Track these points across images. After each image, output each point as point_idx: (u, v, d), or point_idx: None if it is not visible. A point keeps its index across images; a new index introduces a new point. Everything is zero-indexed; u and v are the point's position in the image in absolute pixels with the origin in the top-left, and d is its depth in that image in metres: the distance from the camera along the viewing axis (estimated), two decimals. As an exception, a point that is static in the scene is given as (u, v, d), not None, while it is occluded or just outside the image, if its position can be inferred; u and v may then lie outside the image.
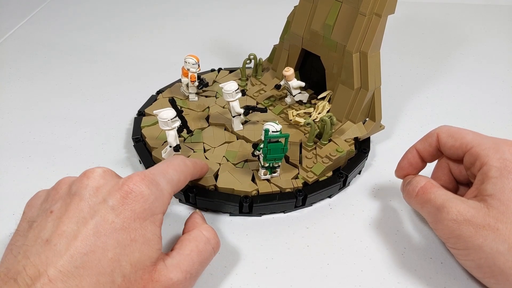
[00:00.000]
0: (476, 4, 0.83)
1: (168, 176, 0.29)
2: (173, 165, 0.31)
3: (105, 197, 0.25)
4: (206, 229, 0.30)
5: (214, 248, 0.30)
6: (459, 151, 0.32)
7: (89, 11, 0.76)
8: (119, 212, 0.25)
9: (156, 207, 0.27)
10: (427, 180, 0.33)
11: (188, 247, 0.28)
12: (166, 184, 0.28)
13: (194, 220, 0.32)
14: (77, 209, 0.25)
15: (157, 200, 0.27)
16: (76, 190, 0.26)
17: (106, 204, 0.25)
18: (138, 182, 0.26)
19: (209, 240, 0.29)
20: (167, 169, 0.30)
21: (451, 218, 0.29)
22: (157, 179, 0.28)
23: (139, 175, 0.27)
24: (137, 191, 0.26)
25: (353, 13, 0.39)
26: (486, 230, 0.28)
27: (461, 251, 0.30)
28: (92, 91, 0.55)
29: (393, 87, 0.57)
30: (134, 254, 0.25)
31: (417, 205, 0.33)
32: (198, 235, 0.29)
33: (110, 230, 0.24)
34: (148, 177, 0.27)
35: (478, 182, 0.30)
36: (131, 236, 0.25)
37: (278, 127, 0.35)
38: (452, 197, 0.30)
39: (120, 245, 0.24)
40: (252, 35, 0.69)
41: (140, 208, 0.26)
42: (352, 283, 0.32)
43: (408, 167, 0.36)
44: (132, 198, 0.26)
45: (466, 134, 0.32)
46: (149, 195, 0.26)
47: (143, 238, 0.25)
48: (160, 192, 0.27)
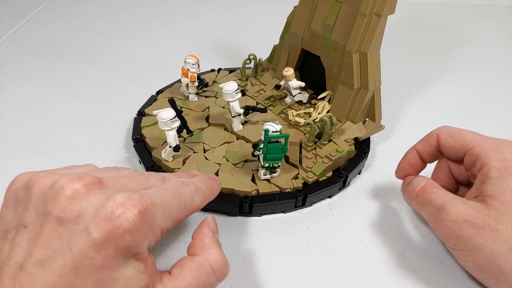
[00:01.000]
0: (476, 4, 0.83)
1: (169, 211, 0.25)
2: (180, 199, 0.26)
3: (87, 225, 0.21)
4: (214, 255, 0.26)
5: (219, 279, 0.26)
6: (459, 151, 0.32)
7: (89, 11, 0.76)
8: (101, 247, 0.21)
9: (143, 246, 0.23)
10: (427, 180, 0.32)
11: (187, 279, 0.24)
12: (163, 221, 0.24)
13: (202, 239, 0.27)
14: (54, 234, 0.21)
15: (145, 239, 0.23)
16: (52, 209, 0.22)
17: (88, 236, 0.21)
18: (131, 216, 0.22)
19: (214, 272, 0.26)
20: (172, 202, 0.25)
21: (451, 219, 0.29)
22: (154, 213, 0.23)
23: (136, 204, 0.22)
24: (126, 227, 0.22)
25: (353, 13, 0.39)
26: (487, 231, 0.28)
27: (461, 251, 0.30)
28: (92, 91, 0.55)
29: (393, 87, 0.57)
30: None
31: (417, 206, 0.33)
32: (202, 264, 0.25)
33: (90, 267, 0.21)
34: (146, 210, 0.23)
35: (479, 182, 0.30)
36: (111, 276, 0.22)
37: (278, 127, 0.35)
38: (452, 197, 0.30)
39: (100, 285, 0.22)
40: (252, 35, 0.69)
41: (125, 247, 0.22)
42: (352, 283, 0.32)
43: (408, 167, 0.36)
44: (119, 235, 0.21)
45: (466, 135, 0.32)
46: (138, 233, 0.22)
47: (123, 277, 0.22)
48: (152, 230, 0.23)
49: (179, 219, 0.26)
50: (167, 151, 0.39)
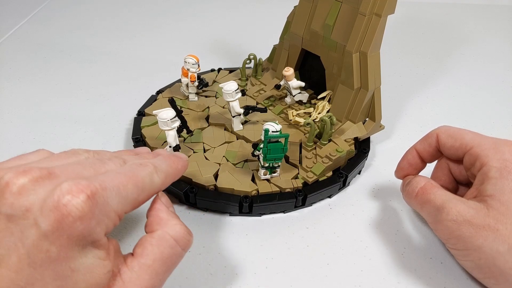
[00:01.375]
0: (476, 4, 0.83)
1: (123, 194, 0.23)
2: (135, 180, 0.24)
3: (36, 218, 0.20)
4: (173, 226, 0.25)
5: (185, 248, 0.25)
6: (459, 151, 0.32)
7: (89, 11, 0.76)
8: (53, 238, 0.20)
9: (98, 232, 0.22)
10: (426, 180, 0.32)
11: (151, 255, 0.24)
12: (118, 204, 0.23)
13: (157, 213, 0.26)
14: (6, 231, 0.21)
15: (100, 224, 0.22)
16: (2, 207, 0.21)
17: (38, 229, 0.20)
18: (79, 202, 0.21)
19: (177, 242, 0.25)
20: (127, 184, 0.24)
21: (451, 219, 0.29)
22: (106, 197, 0.22)
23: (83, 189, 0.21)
24: (75, 215, 0.21)
25: (353, 13, 0.39)
26: (486, 231, 0.28)
27: (461, 251, 0.30)
28: (92, 91, 0.55)
29: (393, 87, 0.57)
30: (79, 285, 0.21)
31: (416, 206, 0.33)
32: (163, 237, 0.25)
33: (46, 261, 0.20)
34: (95, 195, 0.21)
35: (478, 182, 0.30)
36: (70, 266, 0.21)
37: (278, 127, 0.35)
38: (452, 197, 0.30)
39: (59, 277, 0.21)
40: (252, 35, 0.69)
41: (78, 235, 0.21)
42: (352, 283, 0.32)
43: (408, 167, 0.36)
44: (68, 223, 0.20)
45: (466, 134, 0.32)
46: (90, 220, 0.21)
47: (84, 266, 0.22)
48: (107, 214, 0.22)
49: (138, 201, 0.25)
50: (167, 151, 0.39)
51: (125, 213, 0.24)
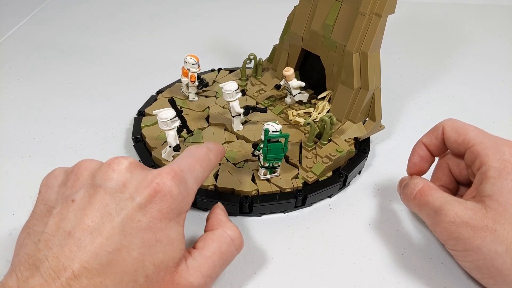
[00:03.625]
0: (476, 4, 0.83)
1: (195, 173, 0.28)
2: (199, 160, 0.29)
3: (132, 193, 0.25)
4: (231, 228, 0.29)
5: (238, 248, 0.29)
6: (461, 147, 0.32)
7: (89, 11, 0.76)
8: (146, 211, 0.24)
9: (182, 207, 0.26)
10: (424, 182, 0.32)
11: (211, 248, 0.27)
12: (193, 183, 0.27)
13: (218, 216, 0.30)
14: (102, 202, 0.24)
15: (184, 200, 0.26)
16: (101, 182, 0.25)
17: (133, 201, 0.24)
18: (168, 181, 0.25)
19: (233, 241, 0.28)
20: (195, 165, 0.28)
21: (449, 221, 0.29)
22: (186, 177, 0.27)
23: (169, 172, 0.26)
24: (166, 190, 0.25)
25: (353, 13, 0.39)
26: (484, 232, 0.28)
27: (460, 252, 0.30)
28: (92, 91, 0.55)
29: (393, 87, 0.57)
30: (158, 255, 0.24)
31: (415, 208, 0.33)
32: (222, 235, 0.28)
33: (136, 229, 0.24)
34: (178, 176, 0.26)
35: (477, 182, 0.30)
36: (156, 237, 0.24)
37: (278, 127, 0.35)
38: (449, 199, 0.30)
39: (145, 245, 0.24)
40: (252, 35, 0.69)
41: (167, 208, 0.25)
42: (352, 283, 0.32)
43: (419, 161, 0.35)
44: (160, 197, 0.25)
45: (470, 131, 0.32)
46: (178, 195, 0.25)
47: (167, 238, 0.25)
48: (187, 191, 0.27)
49: (203, 178, 0.29)
50: (167, 151, 0.39)
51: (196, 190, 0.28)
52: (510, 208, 0.28)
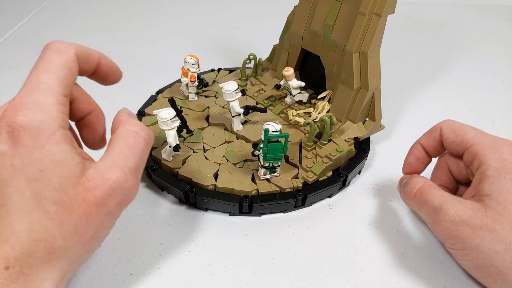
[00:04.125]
0: (476, 4, 0.83)
1: (44, 86, 0.25)
2: (44, 68, 0.27)
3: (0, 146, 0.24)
4: (132, 123, 0.28)
5: (147, 139, 0.28)
6: (459, 147, 0.32)
7: (89, 11, 0.76)
8: (13, 153, 0.24)
9: (48, 127, 0.24)
10: (424, 181, 0.32)
11: (118, 146, 0.26)
12: (49, 97, 0.25)
13: (119, 118, 0.29)
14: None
15: (45, 121, 0.24)
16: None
17: (2, 151, 0.24)
18: (13, 117, 0.24)
19: (138, 133, 0.27)
20: (40, 78, 0.26)
21: (449, 219, 0.29)
22: (35, 100, 0.24)
23: (9, 107, 0.24)
24: (16, 125, 0.24)
25: (353, 13, 0.39)
26: (483, 231, 0.28)
27: (459, 251, 0.30)
28: (92, 91, 0.54)
29: (393, 87, 0.57)
30: (53, 180, 0.24)
31: (415, 207, 0.33)
32: (124, 132, 0.27)
33: (14, 173, 0.24)
34: (23, 104, 0.24)
35: (476, 181, 0.30)
36: (38, 167, 0.24)
37: (278, 127, 0.35)
38: (449, 198, 0.30)
39: (32, 180, 0.24)
40: (252, 35, 0.69)
41: (30, 139, 0.24)
42: (352, 283, 0.32)
43: (415, 162, 0.35)
44: (17, 135, 0.24)
45: (468, 131, 0.32)
46: (32, 122, 0.24)
47: (51, 163, 0.24)
48: (46, 111, 0.24)
49: (66, 80, 0.27)
50: (167, 151, 0.39)
51: (63, 96, 0.26)
52: (509, 207, 0.28)
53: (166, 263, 0.33)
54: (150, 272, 0.33)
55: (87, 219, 0.24)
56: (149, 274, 0.33)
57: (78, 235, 0.25)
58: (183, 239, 0.35)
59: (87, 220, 0.24)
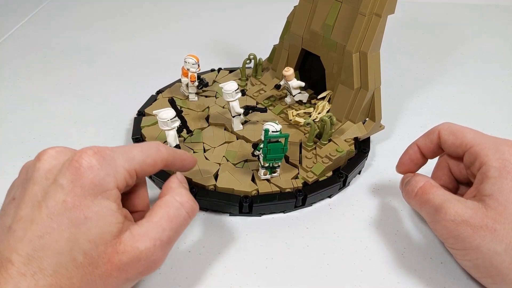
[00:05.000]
0: (476, 4, 0.83)
1: (129, 155, 0.27)
2: (140, 147, 0.29)
3: (56, 177, 0.25)
4: (180, 193, 0.28)
5: (189, 212, 0.28)
6: (459, 149, 0.32)
7: (89, 11, 0.76)
8: (69, 190, 0.24)
9: (108, 182, 0.26)
10: (426, 180, 0.32)
11: (158, 214, 0.27)
12: (124, 161, 0.27)
13: (169, 184, 0.30)
14: (31, 193, 0.25)
15: (109, 175, 0.26)
16: (31, 174, 0.26)
17: (56, 184, 0.25)
18: (87, 157, 0.25)
19: (182, 205, 0.28)
20: (131, 149, 0.28)
21: (449, 219, 0.29)
22: (112, 155, 0.26)
23: (91, 149, 0.26)
24: (85, 165, 0.25)
25: (353, 13, 0.39)
26: (484, 231, 0.28)
27: (459, 251, 0.30)
28: (92, 91, 0.55)
29: (393, 87, 0.57)
30: (91, 231, 0.24)
31: (416, 205, 0.33)
32: (170, 201, 0.28)
33: (62, 210, 0.24)
34: (101, 151, 0.26)
35: (478, 182, 0.30)
36: (84, 214, 0.24)
37: (278, 127, 0.35)
38: (450, 197, 0.30)
39: (74, 224, 0.24)
40: (252, 35, 0.69)
41: (89, 184, 0.25)
42: (352, 283, 0.32)
43: (409, 163, 0.36)
44: (80, 174, 0.25)
45: (467, 133, 0.32)
46: (99, 170, 0.25)
47: (97, 214, 0.25)
48: (114, 167, 0.26)
49: (145, 162, 0.28)
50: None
51: (133, 170, 0.27)
52: (510, 208, 0.28)
53: (166, 263, 0.33)
54: (150, 272, 0.33)
55: (107, 279, 0.25)
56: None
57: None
58: (183, 239, 0.35)
59: (106, 281, 0.25)
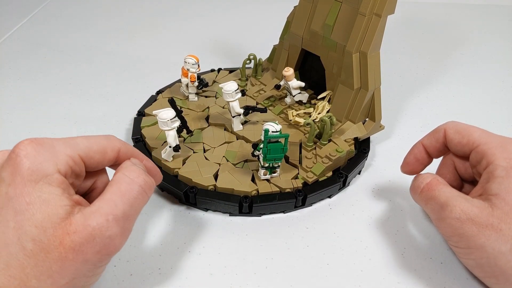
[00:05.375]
0: (476, 4, 0.82)
1: (71, 142, 0.27)
2: (86, 136, 0.28)
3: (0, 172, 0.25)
4: (130, 170, 0.28)
5: (143, 186, 0.27)
6: (466, 148, 0.32)
7: (89, 11, 0.76)
8: (10, 181, 0.25)
9: (47, 168, 0.25)
10: (433, 177, 0.32)
11: (109, 191, 0.26)
12: (65, 147, 0.27)
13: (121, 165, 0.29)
14: None
15: (47, 161, 0.25)
16: None
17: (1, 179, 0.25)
18: (23, 146, 0.25)
19: (133, 180, 0.27)
20: (75, 138, 0.28)
21: (454, 217, 0.28)
22: (51, 142, 0.26)
23: (28, 139, 0.26)
24: (22, 154, 0.25)
25: (353, 13, 0.39)
26: (489, 230, 0.27)
27: (463, 249, 0.30)
28: (92, 91, 0.55)
29: (393, 87, 0.57)
30: (36, 216, 0.24)
31: (421, 202, 0.32)
32: (120, 177, 0.27)
33: (6, 202, 0.24)
34: (38, 140, 0.26)
35: (484, 181, 0.30)
36: (26, 200, 0.24)
37: (278, 127, 0.35)
38: (456, 195, 0.30)
39: (18, 212, 0.24)
40: (252, 35, 0.69)
41: (27, 171, 0.25)
42: (352, 283, 0.32)
43: (414, 162, 0.35)
44: (18, 163, 0.25)
45: (474, 132, 0.32)
46: (36, 157, 0.25)
47: (39, 199, 0.24)
48: (53, 153, 0.26)
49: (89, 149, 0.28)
50: (167, 151, 0.39)
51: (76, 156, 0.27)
52: None
53: (166, 263, 0.33)
54: (150, 272, 0.33)
55: (63, 263, 0.24)
56: (149, 274, 0.33)
57: (52, 279, 0.24)
58: (183, 239, 0.35)
59: (62, 265, 0.24)
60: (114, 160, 0.29)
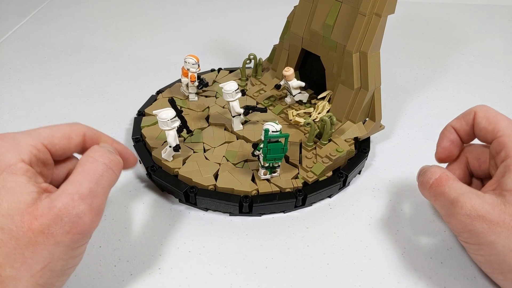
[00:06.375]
0: (476, 4, 0.83)
1: (33, 132, 0.28)
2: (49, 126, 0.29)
3: None
4: (94, 150, 0.28)
5: (108, 163, 0.27)
6: (489, 135, 0.31)
7: (89, 11, 0.76)
8: None
9: (9, 158, 0.25)
10: (442, 171, 0.31)
11: (74, 173, 0.26)
12: (27, 138, 0.27)
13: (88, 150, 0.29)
14: None
15: (9, 151, 0.26)
16: None
17: None
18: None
19: (97, 159, 0.27)
20: (37, 128, 0.28)
21: (465, 213, 0.28)
22: (12, 135, 0.27)
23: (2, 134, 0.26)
24: None
25: (353, 13, 0.39)
26: (500, 227, 0.27)
27: (473, 245, 0.29)
28: (92, 91, 0.55)
29: (393, 87, 0.57)
30: (2, 205, 0.24)
31: (430, 197, 0.32)
32: (84, 158, 0.27)
33: None
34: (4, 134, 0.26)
35: (499, 174, 0.29)
36: None
37: (278, 127, 0.35)
38: (467, 191, 0.29)
39: None
40: (252, 35, 0.69)
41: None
42: (352, 283, 0.32)
43: (450, 145, 0.34)
44: None
45: (502, 120, 0.31)
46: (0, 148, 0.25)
47: (3, 189, 0.24)
48: (14, 144, 0.26)
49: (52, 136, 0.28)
50: (167, 151, 0.39)
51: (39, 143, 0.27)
52: None
53: (166, 263, 0.33)
54: (150, 272, 0.33)
55: (34, 248, 0.24)
56: (149, 274, 0.33)
57: (26, 265, 0.24)
58: (183, 239, 0.35)
59: (34, 250, 0.24)
60: (81, 145, 0.30)
